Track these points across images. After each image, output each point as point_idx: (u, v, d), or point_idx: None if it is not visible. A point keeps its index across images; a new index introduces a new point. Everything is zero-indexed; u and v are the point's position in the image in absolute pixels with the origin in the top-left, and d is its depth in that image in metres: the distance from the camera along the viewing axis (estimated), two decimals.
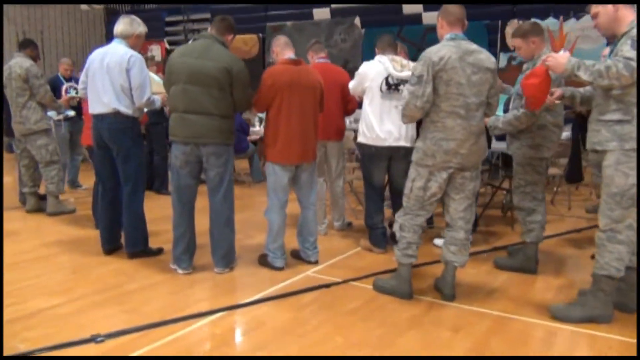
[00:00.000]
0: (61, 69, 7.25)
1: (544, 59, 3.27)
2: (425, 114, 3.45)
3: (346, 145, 5.63)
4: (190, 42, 11.92)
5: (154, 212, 4.54)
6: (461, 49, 3.36)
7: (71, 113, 6.88)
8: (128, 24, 4.23)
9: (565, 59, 3.11)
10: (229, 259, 4.12)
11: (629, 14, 3.11)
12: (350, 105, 5.07)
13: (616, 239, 3.15)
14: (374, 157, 4.54)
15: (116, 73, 4.12)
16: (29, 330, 3.12)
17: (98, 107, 4.21)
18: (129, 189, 4.28)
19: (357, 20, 11.07)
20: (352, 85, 4.73)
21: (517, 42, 4.06)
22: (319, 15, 11.45)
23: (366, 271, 4.18)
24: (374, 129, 4.45)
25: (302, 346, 2.99)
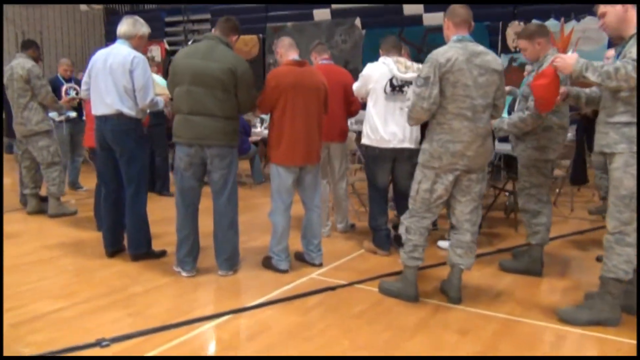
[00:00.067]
0: (60, 69, 7.22)
1: (552, 59, 3.26)
2: (431, 116, 3.43)
3: (348, 147, 5.62)
4: (190, 42, 11.86)
5: (156, 213, 4.52)
6: (468, 50, 3.34)
7: (73, 114, 6.86)
8: (131, 24, 4.21)
9: (574, 59, 3.09)
10: (233, 261, 4.10)
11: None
12: (353, 106, 5.05)
13: (625, 241, 3.13)
14: (377, 158, 4.52)
15: (119, 74, 4.09)
16: (33, 334, 3.09)
17: (101, 108, 4.18)
18: (132, 191, 4.25)
19: (357, 21, 11.05)
20: (356, 86, 4.71)
21: (522, 44, 4.04)
22: (319, 16, 11.42)
23: (371, 273, 4.17)
24: (378, 130, 4.43)
25: (309, 350, 2.96)
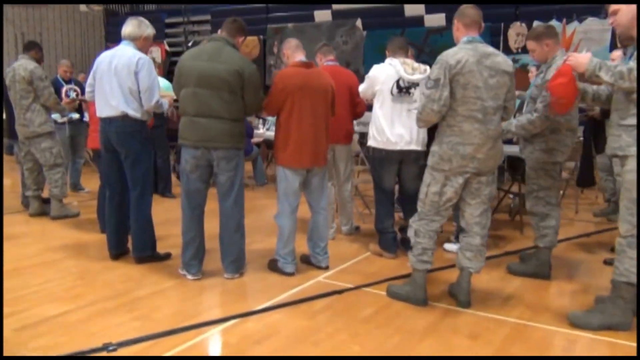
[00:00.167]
0: (60, 70, 7.18)
1: (566, 58, 3.22)
2: (441, 118, 3.40)
3: (353, 149, 5.57)
4: (190, 44, 11.72)
5: (159, 215, 4.47)
6: (478, 52, 3.31)
7: (75, 116, 6.82)
8: (136, 25, 4.17)
9: (587, 58, 3.06)
10: (239, 264, 4.06)
11: None
12: (359, 108, 5.02)
13: (637, 244, 3.10)
14: (384, 161, 4.49)
15: (124, 75, 4.06)
16: (38, 338, 3.05)
17: (106, 110, 4.14)
18: (137, 193, 4.21)
19: (358, 22, 11.03)
20: (362, 88, 4.67)
21: (530, 45, 4.01)
22: (320, 17, 11.40)
23: (377, 277, 4.13)
24: (385, 132, 4.40)
25: (318, 354, 2.92)
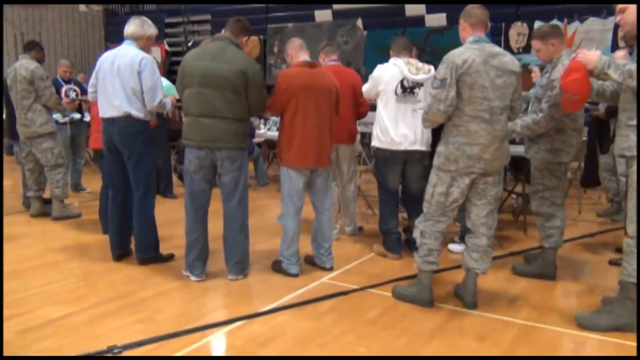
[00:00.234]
0: (60, 71, 7.13)
1: (575, 54, 3.20)
2: (447, 118, 3.38)
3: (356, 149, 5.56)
4: (190, 44, 11.66)
5: (161, 216, 4.42)
6: (485, 51, 3.29)
7: (77, 116, 6.78)
8: (139, 25, 4.14)
9: (597, 56, 3.04)
10: (243, 265, 4.03)
11: None
12: (362, 108, 4.99)
13: (637, 244, 3.08)
14: (388, 161, 4.46)
15: (127, 75, 4.02)
16: (41, 341, 3.02)
17: (109, 110, 4.11)
18: (140, 194, 4.18)
19: (359, 22, 11.01)
20: (365, 88, 4.65)
21: (536, 44, 3.99)
22: (320, 17, 11.38)
23: (382, 277, 4.10)
24: (389, 132, 4.37)
25: (325, 356, 2.90)
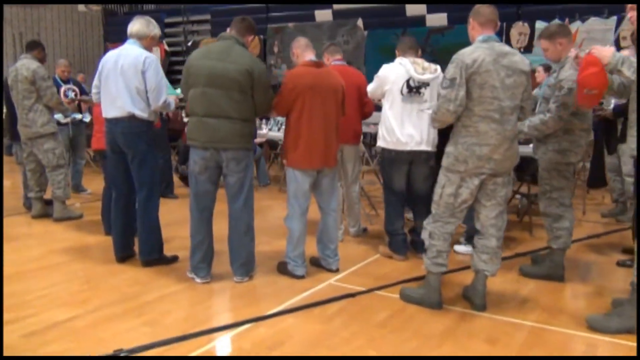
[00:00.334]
0: (58, 71, 7.06)
1: (590, 50, 3.16)
2: (456, 118, 3.34)
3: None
4: (190, 44, 11.60)
5: (162, 217, 4.33)
6: (495, 51, 3.25)
7: (78, 116, 6.72)
8: (144, 24, 4.09)
9: (611, 52, 3.01)
10: (248, 267, 3.99)
11: None
12: (367, 107, 4.95)
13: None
14: (394, 161, 4.42)
15: (131, 75, 3.98)
16: (47, 345, 2.97)
17: (112, 111, 4.06)
18: (143, 195, 4.13)
19: (359, 22, 10.95)
20: (371, 88, 4.60)
21: (543, 44, 3.95)
22: (321, 17, 11.32)
23: (389, 279, 4.07)
24: (395, 132, 4.33)
25: None
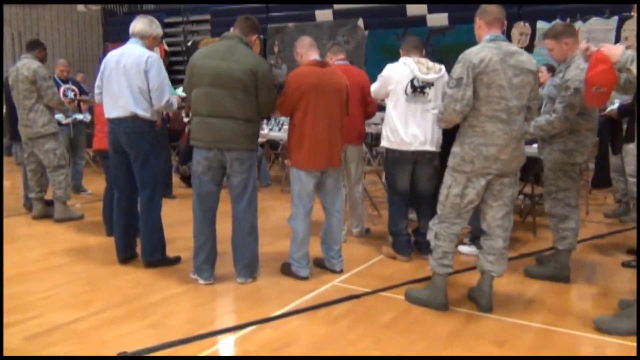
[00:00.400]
0: (57, 70, 7.01)
1: (600, 47, 3.14)
2: (463, 118, 3.31)
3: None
4: (189, 44, 11.57)
5: (164, 218, 4.29)
6: (502, 50, 3.22)
7: (79, 117, 6.68)
8: (147, 24, 4.06)
9: (620, 50, 2.99)
10: (252, 268, 3.95)
11: None
12: (370, 107, 4.93)
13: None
14: (398, 161, 4.40)
15: (134, 74, 3.94)
16: (50, 347, 2.94)
17: (114, 111, 4.03)
18: (146, 196, 4.10)
19: (360, 22, 10.93)
20: (374, 87, 4.57)
21: (549, 44, 3.93)
22: (321, 17, 11.30)
23: (393, 280, 4.04)
24: (399, 132, 4.31)
25: None
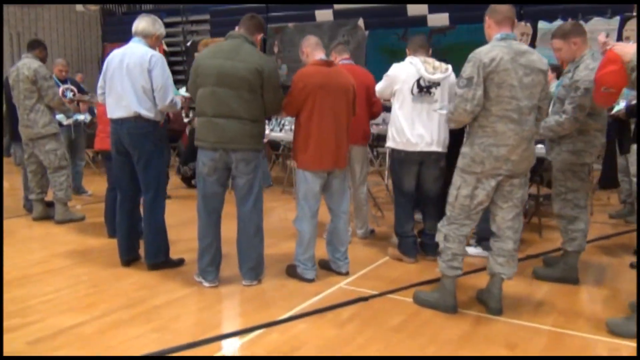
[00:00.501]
0: (55, 70, 6.93)
1: (612, 46, 3.10)
2: (473, 119, 3.26)
3: None
4: (189, 44, 11.50)
5: (165, 219, 4.27)
6: (512, 49, 3.18)
7: (81, 117, 6.62)
8: (150, 23, 4.00)
9: (634, 48, 2.95)
10: (258, 270, 3.90)
11: None
12: (375, 107, 4.88)
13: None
14: (404, 162, 4.35)
15: (137, 74, 3.89)
16: (55, 352, 2.89)
17: (118, 111, 3.97)
18: (150, 197, 4.04)
19: (360, 22, 10.87)
20: (379, 87, 4.52)
21: (557, 43, 3.88)
22: (321, 17, 11.24)
23: (400, 282, 3.99)
24: (405, 133, 4.26)
25: None
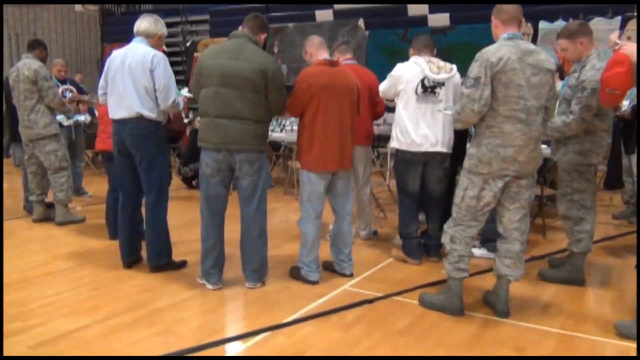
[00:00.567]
0: (54, 70, 6.88)
1: (620, 46, 3.07)
2: (480, 119, 3.23)
3: None
4: (188, 44, 11.45)
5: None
6: (520, 49, 3.14)
7: (81, 118, 6.57)
8: (152, 23, 3.96)
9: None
10: (261, 272, 3.86)
11: None
12: (378, 107, 4.85)
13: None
14: (408, 163, 4.31)
15: (139, 74, 3.84)
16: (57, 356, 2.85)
17: (119, 111, 3.92)
18: (152, 198, 4.00)
19: (360, 22, 10.84)
20: (383, 87, 4.48)
21: (563, 43, 3.85)
22: (321, 17, 11.21)
23: (405, 284, 3.96)
24: (409, 133, 4.22)
25: None
